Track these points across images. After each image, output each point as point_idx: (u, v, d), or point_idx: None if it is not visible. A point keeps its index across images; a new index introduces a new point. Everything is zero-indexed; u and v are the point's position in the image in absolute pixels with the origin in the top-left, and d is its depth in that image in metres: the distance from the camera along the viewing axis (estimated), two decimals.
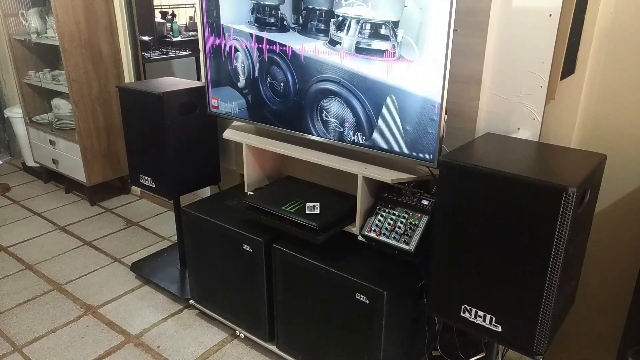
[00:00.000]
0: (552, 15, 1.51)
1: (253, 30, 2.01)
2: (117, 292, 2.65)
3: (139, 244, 3.14)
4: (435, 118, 1.61)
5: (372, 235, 1.81)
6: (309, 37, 1.85)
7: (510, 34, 1.61)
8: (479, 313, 1.44)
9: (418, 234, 1.74)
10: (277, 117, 2.06)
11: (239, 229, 2.07)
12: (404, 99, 1.66)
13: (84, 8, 3.24)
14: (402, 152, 1.73)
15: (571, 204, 1.19)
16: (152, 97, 2.32)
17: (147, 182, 2.53)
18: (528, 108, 1.64)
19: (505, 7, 1.59)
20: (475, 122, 1.76)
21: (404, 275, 1.82)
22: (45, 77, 3.68)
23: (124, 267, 2.87)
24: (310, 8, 1.81)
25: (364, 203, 1.86)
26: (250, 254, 2.05)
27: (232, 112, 2.22)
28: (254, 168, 2.23)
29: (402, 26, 1.60)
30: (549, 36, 1.53)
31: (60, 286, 2.70)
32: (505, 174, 1.29)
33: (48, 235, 3.25)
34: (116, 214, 3.56)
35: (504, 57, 1.65)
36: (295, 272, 1.94)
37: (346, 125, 1.84)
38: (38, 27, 3.61)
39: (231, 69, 2.16)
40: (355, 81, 1.76)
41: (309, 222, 1.83)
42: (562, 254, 1.24)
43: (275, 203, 1.97)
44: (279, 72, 1.99)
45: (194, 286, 2.41)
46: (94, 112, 3.45)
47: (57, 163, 3.74)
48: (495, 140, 1.60)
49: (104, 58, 3.43)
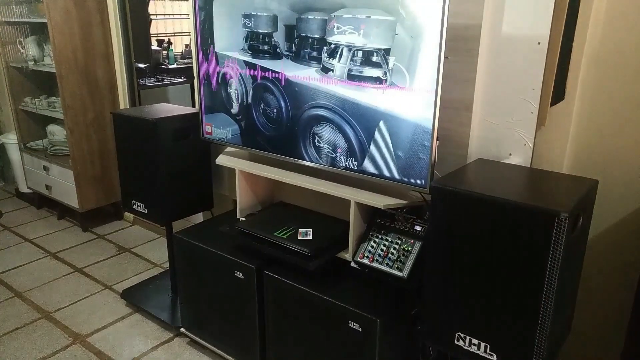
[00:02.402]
0: (540, 43, 1.53)
1: (246, 58, 2.03)
2: (107, 320, 2.60)
3: (130, 270, 3.10)
4: (426, 144, 1.61)
5: (365, 261, 1.79)
6: (302, 65, 1.86)
7: (500, 60, 1.63)
8: (473, 341, 1.42)
9: (411, 260, 1.72)
10: (270, 143, 2.06)
11: (231, 255, 2.04)
12: (396, 125, 1.67)
13: (82, 36, 3.27)
14: (394, 177, 1.72)
15: (564, 229, 1.19)
16: (146, 124, 2.33)
17: (140, 208, 2.51)
18: (519, 134, 1.65)
19: (494, 34, 1.62)
20: (466, 148, 1.77)
21: (397, 302, 1.79)
22: (41, 104, 3.69)
23: (114, 295, 2.83)
24: (303, 36, 1.84)
25: (356, 229, 1.84)
26: (242, 280, 2.02)
27: (226, 138, 2.23)
28: (247, 193, 2.22)
29: (393, 53, 1.62)
30: (538, 63, 1.55)
31: (49, 314, 2.65)
32: (497, 199, 1.29)
33: (39, 262, 3.20)
34: (108, 240, 3.52)
35: (494, 83, 1.66)
36: (287, 299, 1.91)
37: (338, 150, 1.85)
38: (35, 54, 3.64)
39: (225, 96, 2.17)
40: (347, 108, 1.77)
41: (301, 249, 1.82)
42: (556, 280, 1.23)
43: (268, 229, 1.95)
44: (272, 98, 2.00)
45: (185, 313, 2.37)
46: (88, 138, 3.46)
47: (50, 189, 3.72)
48: (487, 166, 1.60)
49: (99, 85, 3.45)
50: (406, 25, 1.58)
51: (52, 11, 3.12)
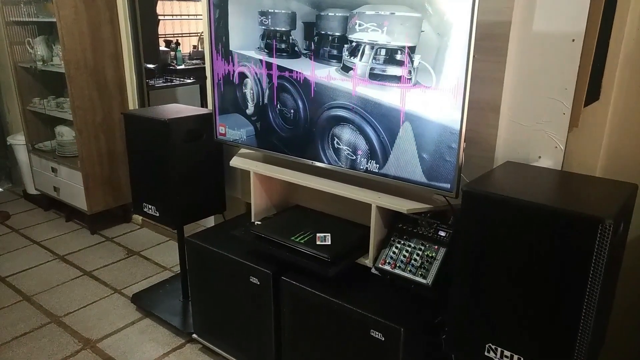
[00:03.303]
0: (575, 40, 1.46)
1: (263, 57, 1.97)
2: (117, 325, 2.54)
3: (140, 274, 3.04)
4: (454, 146, 1.55)
5: (387, 268, 1.73)
6: (321, 63, 1.80)
7: (531, 59, 1.56)
8: (505, 353, 1.35)
9: (435, 267, 1.65)
10: (286, 144, 2.00)
11: (246, 260, 1.98)
12: (421, 126, 1.60)
13: (91, 36, 3.22)
14: (419, 181, 1.66)
15: (608, 236, 1.12)
16: (158, 124, 2.27)
17: (151, 211, 2.45)
18: (550, 136, 1.58)
19: (525, 31, 1.55)
20: (493, 150, 1.70)
21: (420, 310, 1.72)
22: (50, 105, 3.64)
23: (124, 299, 2.77)
24: (323, 34, 1.77)
25: (377, 234, 1.78)
26: (258, 286, 1.96)
27: (240, 139, 2.17)
28: (262, 196, 2.15)
29: (418, 51, 1.56)
30: (571, 61, 1.48)
31: (59, 318, 2.60)
32: (535, 205, 1.22)
33: (47, 265, 3.15)
34: (117, 242, 3.46)
35: (523, 83, 1.59)
36: (305, 306, 1.85)
37: (359, 152, 1.78)
38: (44, 54, 3.59)
39: (240, 96, 2.11)
40: (368, 108, 1.71)
41: (319, 254, 1.75)
42: (598, 289, 1.16)
43: (284, 233, 1.89)
44: (289, 98, 1.94)
45: (198, 319, 2.30)
46: (97, 139, 3.40)
47: (58, 191, 3.67)
48: (517, 169, 1.53)
49: (108, 85, 3.40)
50: (433, 22, 1.51)
51: (62, 10, 3.07)
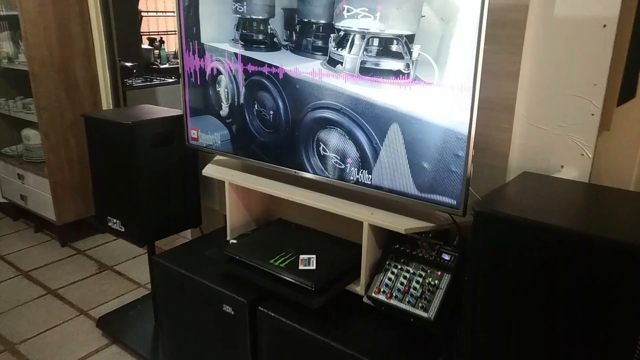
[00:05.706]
0: (606, 26, 1.21)
1: (238, 50, 1.71)
2: (79, 354, 2.25)
3: (110, 292, 2.76)
4: (460, 154, 1.29)
5: (381, 298, 1.46)
6: (304, 57, 1.54)
7: (552, 50, 1.30)
8: None
9: (439, 298, 1.39)
10: (265, 150, 1.74)
11: (219, 286, 1.71)
12: (421, 131, 1.34)
13: (58, 30, 2.95)
14: (418, 195, 1.40)
15: None
16: (121, 128, 2.00)
17: (116, 226, 2.17)
18: (574, 141, 1.32)
19: (545, 17, 1.29)
20: (506, 159, 1.44)
21: (420, 348, 1.46)
22: (16, 106, 3.36)
23: (90, 322, 2.49)
24: (306, 22, 1.51)
25: (370, 256, 1.52)
26: (232, 316, 1.69)
27: (214, 144, 1.90)
28: (239, 210, 1.89)
29: (418, 41, 1.30)
30: (603, 52, 1.22)
31: (14, 346, 2.31)
32: (567, 231, 0.96)
33: (8, 282, 2.86)
34: (88, 256, 3.18)
35: (543, 78, 1.33)
36: (285, 340, 1.58)
37: (348, 161, 1.52)
38: (10, 51, 3.32)
39: (213, 95, 1.85)
40: (359, 109, 1.45)
41: (302, 282, 1.49)
42: None
43: (262, 255, 1.63)
44: (268, 98, 1.67)
45: (168, 350, 2.03)
46: (67, 143, 3.12)
47: (25, 199, 3.38)
48: (537, 182, 1.27)
49: (79, 85, 3.12)
50: (435, 5, 1.25)
51: (24, 2, 2.79)
